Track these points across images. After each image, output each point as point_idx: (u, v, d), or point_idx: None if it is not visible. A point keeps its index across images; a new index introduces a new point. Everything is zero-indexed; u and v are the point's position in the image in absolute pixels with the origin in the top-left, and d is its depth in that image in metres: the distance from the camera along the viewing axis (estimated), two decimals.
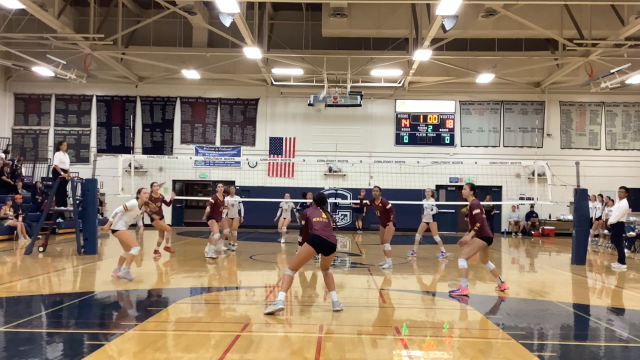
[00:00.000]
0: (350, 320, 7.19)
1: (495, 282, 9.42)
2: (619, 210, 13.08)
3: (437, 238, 14.64)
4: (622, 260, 13.16)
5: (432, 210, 14.82)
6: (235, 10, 15.01)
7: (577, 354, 5.99)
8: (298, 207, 17.98)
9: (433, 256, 14.93)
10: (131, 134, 25.23)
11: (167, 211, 25.41)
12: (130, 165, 20.03)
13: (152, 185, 13.99)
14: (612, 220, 13.41)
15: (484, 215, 9.10)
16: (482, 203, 22.78)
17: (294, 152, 25.29)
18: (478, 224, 8.87)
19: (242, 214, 15.90)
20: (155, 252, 13.86)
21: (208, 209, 13.70)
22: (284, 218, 18.27)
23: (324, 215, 7.74)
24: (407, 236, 16.60)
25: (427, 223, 14.83)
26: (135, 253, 9.93)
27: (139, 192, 10.29)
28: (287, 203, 18.35)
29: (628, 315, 7.98)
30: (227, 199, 14.86)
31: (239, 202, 15.73)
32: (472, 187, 9.35)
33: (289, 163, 25.07)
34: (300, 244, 8.79)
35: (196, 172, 25.39)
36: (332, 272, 7.87)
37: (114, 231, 9.99)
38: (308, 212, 7.84)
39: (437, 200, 24.15)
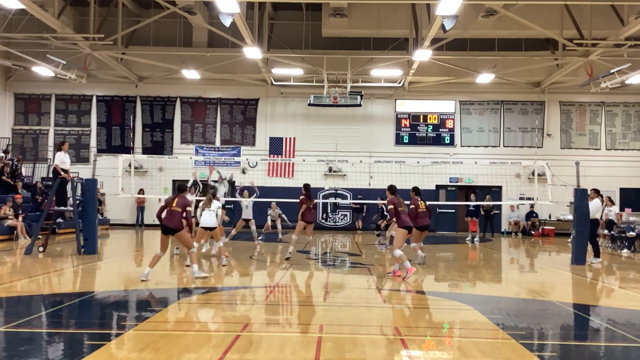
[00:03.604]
0: (350, 320, 7.19)
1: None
2: (591, 210, 14.00)
3: (254, 227, 16.62)
4: (597, 254, 14.12)
5: (247, 207, 16.56)
6: (235, 10, 15.01)
7: (577, 354, 6.00)
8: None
9: (432, 256, 14.92)
10: (131, 134, 25.23)
11: None
12: (130, 165, 20.01)
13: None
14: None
15: (401, 209, 11.01)
16: (482, 203, 22.63)
17: (294, 152, 25.29)
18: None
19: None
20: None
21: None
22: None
23: (174, 204, 10.02)
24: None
25: (247, 220, 16.52)
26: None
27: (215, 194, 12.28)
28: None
29: (628, 315, 7.98)
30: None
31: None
32: (396, 189, 11.51)
33: (289, 163, 25.07)
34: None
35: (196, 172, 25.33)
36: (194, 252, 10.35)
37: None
38: (169, 199, 10.21)
39: (437, 200, 24.39)
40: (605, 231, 18.37)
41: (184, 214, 9.97)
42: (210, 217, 12.20)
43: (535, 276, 12.62)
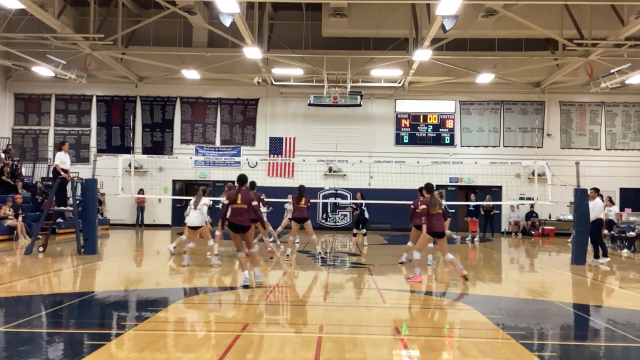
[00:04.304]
0: (350, 320, 7.19)
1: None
2: (594, 209, 13.96)
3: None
4: (605, 254, 14.08)
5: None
6: (235, 10, 15.01)
7: (577, 354, 6.00)
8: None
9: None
10: (131, 134, 25.22)
11: (167, 210, 25.53)
12: (130, 165, 20.03)
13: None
14: (591, 218, 14.05)
15: (433, 212, 10.43)
16: (482, 203, 22.57)
17: (294, 152, 25.28)
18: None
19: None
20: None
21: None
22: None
23: (238, 201, 9.24)
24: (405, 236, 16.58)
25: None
26: None
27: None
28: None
29: (628, 315, 7.98)
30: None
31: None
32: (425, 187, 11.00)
33: (289, 163, 25.06)
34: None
35: (196, 172, 25.39)
36: (255, 252, 9.86)
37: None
38: (232, 195, 9.36)
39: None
40: (606, 231, 18.37)
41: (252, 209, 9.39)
42: (196, 216, 12.20)
43: (535, 276, 12.62)
